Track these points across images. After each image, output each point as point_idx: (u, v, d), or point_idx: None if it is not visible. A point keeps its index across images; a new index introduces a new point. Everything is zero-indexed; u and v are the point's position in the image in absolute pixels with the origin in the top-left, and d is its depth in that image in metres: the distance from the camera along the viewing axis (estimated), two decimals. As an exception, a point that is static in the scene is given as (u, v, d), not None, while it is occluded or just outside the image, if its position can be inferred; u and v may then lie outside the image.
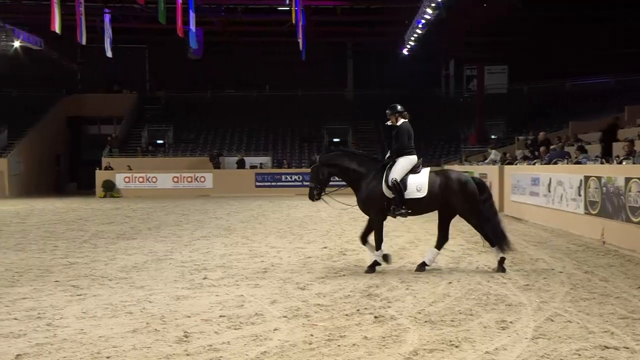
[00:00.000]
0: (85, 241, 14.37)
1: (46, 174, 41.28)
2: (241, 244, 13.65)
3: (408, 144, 9.87)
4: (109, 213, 23.14)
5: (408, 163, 9.85)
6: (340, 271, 10.00)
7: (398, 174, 9.77)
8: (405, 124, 9.96)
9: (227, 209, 24.73)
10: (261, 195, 33.87)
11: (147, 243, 13.94)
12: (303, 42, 32.22)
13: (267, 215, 21.38)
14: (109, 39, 29.73)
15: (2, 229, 17.20)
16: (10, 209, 25.21)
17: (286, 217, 20.79)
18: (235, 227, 17.30)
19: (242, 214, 22.05)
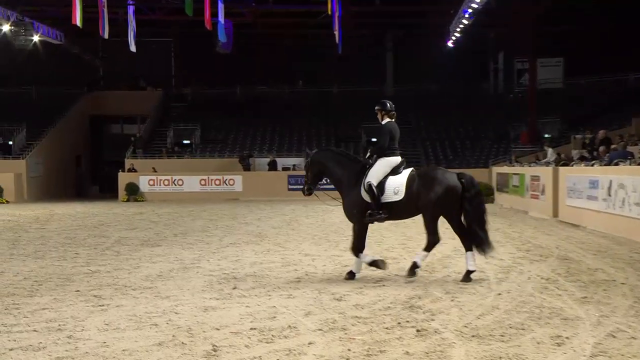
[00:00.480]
0: (108, 248, 14.58)
1: (66, 176, 41.96)
2: (273, 251, 13.70)
3: (390, 145, 10.09)
4: (133, 218, 23.43)
5: (387, 165, 10.08)
6: (380, 281, 9.97)
7: (375, 176, 10.04)
8: (389, 124, 10.21)
9: (258, 214, 24.85)
10: (294, 199, 33.94)
11: (173, 250, 14.08)
12: (339, 34, 32.23)
13: (300, 221, 21.42)
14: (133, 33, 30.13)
15: (21, 235, 17.55)
16: (29, 214, 25.70)
17: (321, 222, 20.80)
18: (266, 234, 17.37)
19: (274, 219, 22.12)
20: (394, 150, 10.17)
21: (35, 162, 37.94)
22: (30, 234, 17.97)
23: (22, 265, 12.13)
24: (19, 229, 19.25)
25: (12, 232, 18.32)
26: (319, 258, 12.61)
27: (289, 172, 36.71)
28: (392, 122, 10.29)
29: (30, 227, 19.87)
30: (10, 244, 15.56)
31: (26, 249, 14.46)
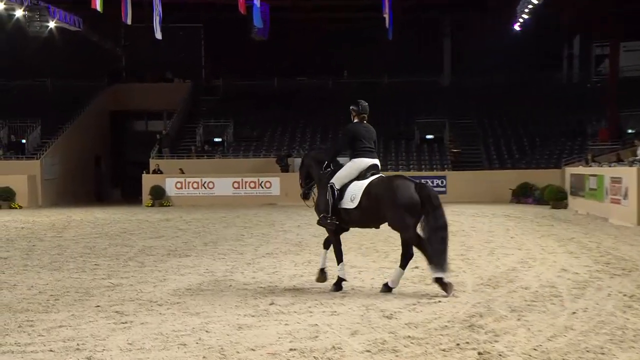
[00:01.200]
0: (131, 259, 14.78)
1: (85, 178, 42.62)
2: (314, 262, 13.71)
3: (359, 146, 10.68)
4: (158, 225, 23.70)
5: (354, 168, 10.69)
6: (435, 296, 9.93)
7: (338, 179, 10.71)
8: (352, 126, 10.84)
9: (298, 220, 24.92)
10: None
11: (203, 261, 14.21)
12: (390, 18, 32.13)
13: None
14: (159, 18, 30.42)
15: (36, 245, 17.88)
16: (44, 221, 26.17)
17: (369, 230, 20.74)
18: (307, 243, 17.41)
19: (316, 227, 22.07)
20: (364, 152, 10.71)
21: (51, 163, 38.55)
22: (46, 242, 18.30)
23: (37, 277, 12.35)
24: (33, 238, 19.62)
25: (26, 241, 18.68)
26: (366, 270, 12.60)
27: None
28: (358, 124, 10.87)
29: (46, 235, 20.23)
30: (23, 254, 15.87)
31: (41, 260, 14.72)
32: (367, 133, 10.82)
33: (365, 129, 10.88)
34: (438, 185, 34.84)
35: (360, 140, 10.73)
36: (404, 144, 40.41)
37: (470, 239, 17.63)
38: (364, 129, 10.87)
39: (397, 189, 10.16)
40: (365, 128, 10.89)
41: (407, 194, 10.09)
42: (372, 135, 10.88)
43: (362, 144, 10.72)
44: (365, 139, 10.74)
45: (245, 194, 36.13)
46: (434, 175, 35.63)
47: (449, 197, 34.17)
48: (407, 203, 10.06)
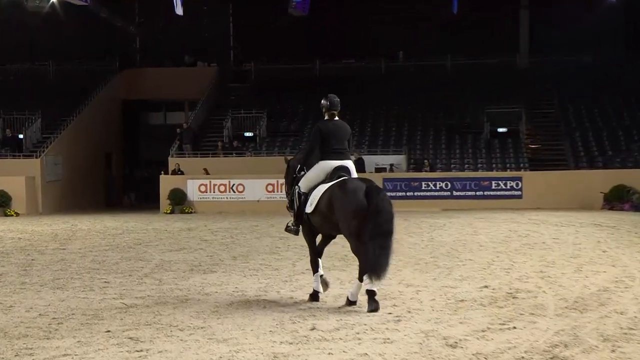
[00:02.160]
0: (147, 275, 14.90)
1: (93, 180, 43.08)
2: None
3: (325, 147, 11.61)
4: (179, 236, 23.85)
5: (320, 170, 11.64)
6: (509, 322, 9.86)
7: (304, 182, 11.76)
8: (321, 124, 11.79)
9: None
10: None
11: (232, 278, 14.28)
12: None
13: (400, 240, 21.34)
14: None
15: (35, 259, 18.08)
16: (45, 230, 26.48)
17: (429, 242, 20.69)
18: (354, 257, 17.32)
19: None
20: (331, 154, 11.63)
21: (53, 163, 38.95)
22: (47, 256, 18.50)
23: (37, 297, 12.48)
24: (32, 250, 19.86)
25: (24, 254, 18.91)
26: (425, 290, 12.55)
27: (383, 174, 36.67)
28: (327, 122, 11.81)
29: (47, 248, 20.46)
30: (21, 269, 16.04)
31: (42, 277, 14.88)
32: (337, 132, 11.70)
33: (336, 127, 11.77)
34: (512, 188, 34.57)
35: (328, 141, 11.63)
36: (470, 139, 40.18)
37: (552, 253, 17.46)
38: (334, 127, 11.75)
39: (346, 193, 10.91)
40: (335, 126, 11.77)
41: (354, 199, 10.81)
42: (342, 134, 11.77)
43: (330, 144, 11.62)
44: (334, 139, 11.63)
45: (282, 198, 35.88)
46: (507, 176, 35.38)
47: (525, 202, 33.89)
48: (353, 209, 10.79)
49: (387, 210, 10.82)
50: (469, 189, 35.21)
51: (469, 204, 34.56)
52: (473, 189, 35.17)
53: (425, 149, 40.17)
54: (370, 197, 10.83)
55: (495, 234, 22.34)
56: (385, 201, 10.90)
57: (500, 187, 34.88)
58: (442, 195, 35.18)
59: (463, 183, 35.32)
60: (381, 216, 10.71)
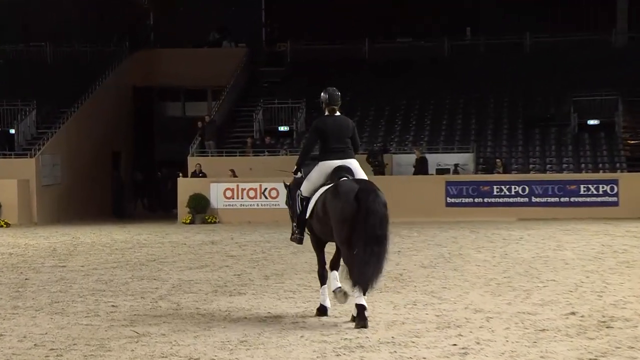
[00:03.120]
0: (162, 297, 14.96)
1: (98, 184, 43.35)
2: (423, 304, 13.68)
3: (325, 146, 12.58)
4: (200, 250, 23.97)
5: (321, 172, 12.60)
6: (602, 356, 9.79)
7: (306, 185, 12.74)
8: (317, 121, 12.80)
9: (398, 243, 24.86)
10: (456, 219, 33.71)
11: (264, 301, 14.30)
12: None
13: (467, 256, 21.29)
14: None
15: (29, 278, 18.21)
16: (41, 244, 26.69)
17: (501, 258, 20.61)
18: (412, 276, 17.42)
19: (424, 253, 22.18)
20: (330, 153, 12.58)
21: (51, 163, 39.22)
22: (43, 275, 18.60)
23: (32, 324, 12.55)
24: (26, 268, 19.99)
25: (16, 273, 19.05)
26: (497, 317, 12.47)
27: (447, 176, 36.58)
28: (326, 118, 12.76)
29: (43, 265, 20.60)
30: (12, 291, 16.15)
31: (37, 299, 14.96)
32: (336, 128, 12.62)
33: (335, 123, 12.68)
34: (606, 193, 34.20)
35: (327, 139, 12.57)
36: (554, 133, 39.90)
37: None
38: (334, 123, 12.66)
39: (337, 197, 11.86)
40: (335, 122, 12.70)
41: (344, 203, 11.72)
42: (343, 130, 12.70)
43: (329, 142, 12.56)
44: (333, 136, 12.56)
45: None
46: (600, 178, 35.05)
47: (622, 210, 33.45)
48: (342, 214, 11.71)
49: (378, 212, 11.62)
50: (551, 194, 34.91)
51: (552, 212, 34.30)
52: (557, 194, 34.85)
53: (497, 145, 39.99)
54: (360, 199, 11.63)
55: (585, 250, 22.16)
56: (377, 203, 11.69)
57: (591, 192, 34.54)
58: (519, 202, 34.94)
59: (544, 187, 35.04)
60: (371, 219, 11.52)
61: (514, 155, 39.03)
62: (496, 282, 16.26)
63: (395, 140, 40.66)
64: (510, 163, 38.24)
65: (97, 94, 43.20)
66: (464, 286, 15.83)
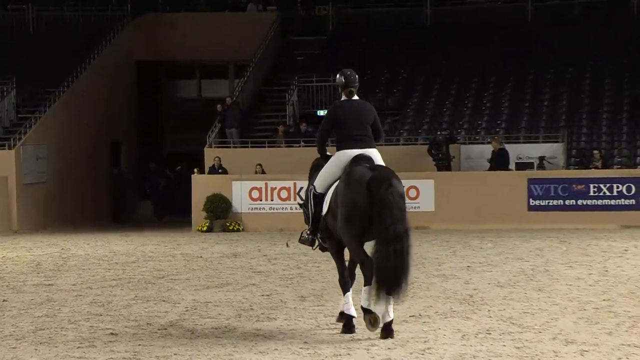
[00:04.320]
0: (173, 324, 15.04)
1: (93, 182, 43.56)
2: (498, 333, 13.71)
3: (341, 134, 13.48)
4: (219, 265, 24.09)
5: (336, 163, 13.48)
6: None
7: (320, 179, 13.68)
8: (333, 108, 13.93)
9: (466, 256, 24.93)
10: (541, 226, 33.53)
11: (299, 328, 14.37)
12: None
13: (555, 272, 21.24)
14: None
15: (9, 299, 18.33)
16: (22, 257, 26.86)
17: (600, 276, 20.57)
18: (485, 297, 17.47)
19: (500, 269, 22.21)
20: (348, 142, 13.43)
21: (34, 156, 39.40)
22: (26, 295, 18.73)
23: (11, 357, 12.67)
24: (4, 287, 20.17)
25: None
26: (594, 350, 12.46)
27: (529, 172, 36.42)
28: (343, 103, 13.75)
29: (25, 284, 20.74)
30: (-12, 314, 16.32)
31: (18, 326, 15.04)
32: (354, 114, 13.49)
33: (353, 108, 13.58)
34: None
35: (345, 125, 13.46)
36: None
37: None
38: (351, 108, 13.56)
39: (347, 184, 12.84)
40: (353, 107, 13.59)
41: (352, 191, 12.71)
42: (362, 116, 13.56)
43: (348, 130, 13.44)
44: (352, 123, 13.45)
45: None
46: None
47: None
48: (347, 206, 12.70)
49: (392, 205, 12.51)
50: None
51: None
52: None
53: (595, 133, 39.75)
54: (372, 189, 12.56)
55: None
56: (390, 193, 12.53)
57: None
58: (622, 205, 34.71)
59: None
60: (385, 214, 12.46)
61: (616, 146, 38.75)
62: (593, 306, 16.19)
63: (463, 127, 40.54)
64: (612, 155, 37.95)
65: (92, 71, 43.34)
66: (551, 311, 15.81)
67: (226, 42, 45.91)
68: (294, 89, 42.18)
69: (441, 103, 42.40)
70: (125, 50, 45.97)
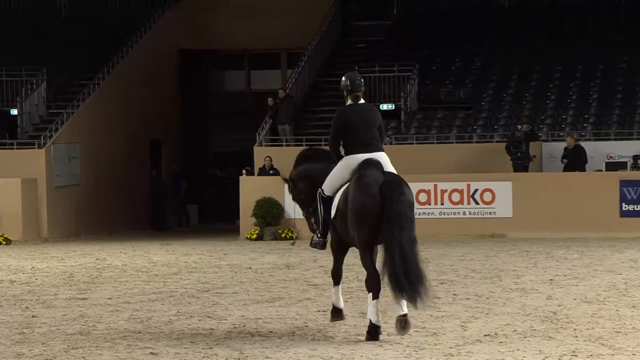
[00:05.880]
0: (219, 343, 15.04)
1: (131, 185, 43.77)
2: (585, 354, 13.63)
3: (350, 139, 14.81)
4: (271, 278, 24.13)
5: (344, 168, 14.90)
6: None
7: (329, 183, 15.07)
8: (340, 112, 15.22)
9: (547, 268, 24.89)
10: (635, 234, 33.29)
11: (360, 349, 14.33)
12: None
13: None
14: None
15: (38, 314, 18.46)
16: (53, 268, 27.02)
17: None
18: (570, 315, 17.41)
19: (587, 283, 22.09)
20: (356, 146, 14.80)
21: (66, 156, 39.62)
22: (57, 311, 18.85)
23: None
24: (34, 301, 20.28)
25: (19, 308, 19.34)
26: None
27: (622, 173, 36.20)
28: (349, 108, 15.12)
29: (57, 297, 20.88)
30: (15, 332, 16.35)
31: (49, 344, 15.10)
32: (361, 119, 14.89)
33: (360, 112, 14.97)
34: None
35: (353, 130, 14.83)
36: None
37: None
38: (358, 113, 14.95)
39: (358, 187, 14.23)
40: (359, 111, 14.98)
41: (363, 195, 14.14)
42: (369, 120, 14.97)
43: (356, 134, 14.80)
44: (360, 128, 14.85)
45: (442, 214, 36.12)
46: None
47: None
48: (357, 209, 14.15)
49: (402, 214, 14.05)
50: None
51: None
52: None
53: None
54: (384, 194, 14.03)
55: None
56: (402, 202, 14.10)
57: None
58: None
59: None
60: (395, 221, 13.98)
61: None
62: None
63: (546, 122, 40.35)
64: None
65: (130, 61, 43.51)
66: (624, 332, 15.75)
67: (278, 28, 45.99)
68: (355, 79, 41.98)
69: (520, 94, 42.26)
70: (166, 38, 46.17)
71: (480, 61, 43.46)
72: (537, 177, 36.54)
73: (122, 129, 42.74)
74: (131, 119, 43.48)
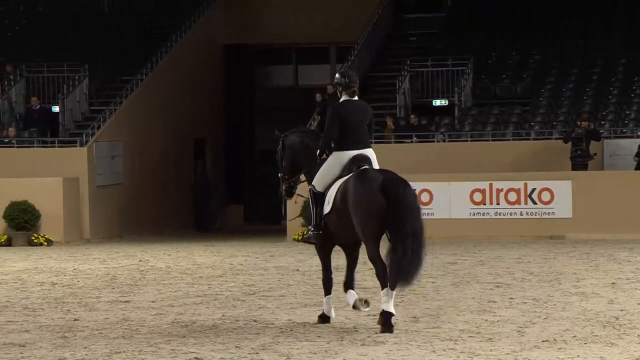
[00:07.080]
0: (265, 347, 15.04)
1: (175, 185, 44.00)
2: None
3: (343, 135, 15.88)
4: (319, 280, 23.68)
5: (336, 163, 15.96)
6: None
7: (319, 178, 16.18)
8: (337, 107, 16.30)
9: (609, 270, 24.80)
10: None
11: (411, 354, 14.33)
12: None
13: None
14: None
15: (80, 318, 18.58)
16: (95, 270, 27.20)
17: None
18: (633, 320, 17.29)
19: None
20: (348, 142, 15.93)
21: (109, 154, 39.81)
22: (99, 314, 19.00)
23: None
24: (76, 304, 20.44)
25: (61, 311, 19.48)
26: None
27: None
28: (345, 103, 16.22)
29: (99, 300, 21.03)
30: (57, 336, 16.47)
31: (91, 348, 15.21)
32: (355, 115, 16.02)
33: (355, 109, 16.11)
34: None
35: (348, 127, 15.92)
36: None
37: None
38: (353, 109, 16.08)
39: (363, 185, 15.16)
40: (354, 108, 16.11)
41: (367, 193, 15.09)
42: (361, 117, 16.12)
43: (349, 131, 15.90)
44: (353, 124, 15.98)
45: (498, 215, 36.04)
46: None
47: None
48: (366, 206, 15.04)
49: (410, 204, 15.12)
50: None
51: None
52: None
53: None
54: (388, 191, 15.01)
55: None
56: (408, 193, 15.15)
57: None
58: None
59: None
60: (403, 213, 15.00)
61: None
62: None
63: (608, 118, 40.17)
64: None
65: (173, 57, 43.69)
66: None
67: (327, 21, 46.05)
68: (405, 75, 42.19)
69: (580, 88, 42.13)
70: (211, 32, 46.29)
71: (539, 55, 43.32)
72: (598, 175, 36.43)
73: (165, 127, 42.92)
74: (175, 116, 43.64)
